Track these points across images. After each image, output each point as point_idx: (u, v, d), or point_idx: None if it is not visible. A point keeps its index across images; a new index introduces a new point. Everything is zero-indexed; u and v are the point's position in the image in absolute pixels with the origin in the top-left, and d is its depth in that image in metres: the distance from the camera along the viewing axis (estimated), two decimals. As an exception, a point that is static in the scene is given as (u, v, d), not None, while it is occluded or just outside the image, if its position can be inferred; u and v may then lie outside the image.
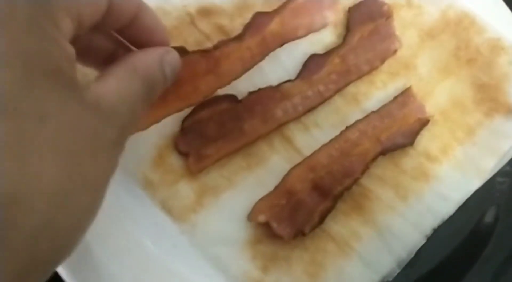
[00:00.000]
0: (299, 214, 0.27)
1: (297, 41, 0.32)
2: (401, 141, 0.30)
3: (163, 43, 0.24)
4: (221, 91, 0.29)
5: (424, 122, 0.31)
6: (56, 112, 0.15)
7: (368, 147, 0.30)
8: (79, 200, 0.16)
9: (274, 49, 0.32)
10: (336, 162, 0.29)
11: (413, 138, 0.30)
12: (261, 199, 0.28)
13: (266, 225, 0.27)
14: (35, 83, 0.15)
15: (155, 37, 0.24)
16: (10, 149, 0.14)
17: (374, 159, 0.29)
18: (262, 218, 0.27)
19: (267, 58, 0.31)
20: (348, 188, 0.28)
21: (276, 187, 0.28)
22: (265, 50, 0.31)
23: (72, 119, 0.16)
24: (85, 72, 0.23)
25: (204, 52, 0.30)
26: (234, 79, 0.30)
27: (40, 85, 0.15)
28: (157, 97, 0.22)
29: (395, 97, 0.31)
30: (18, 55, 0.15)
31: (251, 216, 0.27)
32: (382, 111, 0.31)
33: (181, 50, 0.30)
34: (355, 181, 0.29)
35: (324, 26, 0.33)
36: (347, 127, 0.30)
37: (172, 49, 0.24)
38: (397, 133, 0.30)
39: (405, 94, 0.31)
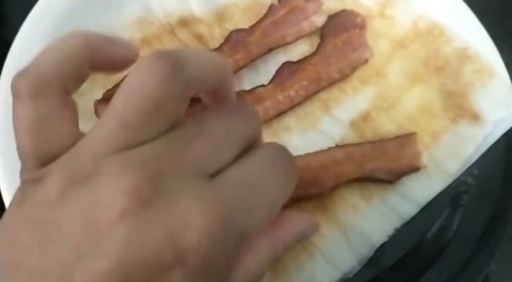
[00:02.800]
0: None
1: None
2: (382, 176, 0.30)
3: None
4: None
5: (414, 169, 0.30)
6: None
7: (348, 169, 0.30)
8: None
9: (260, 55, 0.33)
10: (310, 171, 0.30)
11: (396, 178, 0.30)
12: None
13: None
14: None
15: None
16: None
17: (348, 182, 0.30)
18: None
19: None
20: (310, 197, 0.29)
21: None
22: (249, 57, 0.33)
23: None
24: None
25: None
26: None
27: None
28: None
29: (396, 137, 0.31)
30: None
31: None
32: (377, 144, 0.31)
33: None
34: (320, 193, 0.29)
35: (315, 29, 0.35)
36: (336, 146, 0.31)
37: (317, 220, 0.23)
38: (382, 168, 0.30)
39: (407, 138, 0.31)
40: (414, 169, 0.30)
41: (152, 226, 0.16)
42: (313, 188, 0.29)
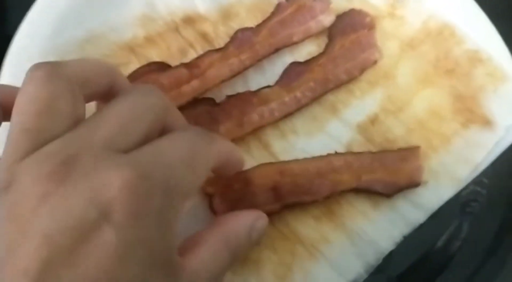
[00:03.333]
0: (243, 203, 0.28)
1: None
2: (379, 189, 0.29)
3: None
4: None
5: (414, 184, 0.29)
6: None
7: (345, 178, 0.29)
8: None
9: (266, 55, 0.33)
10: (306, 177, 0.29)
11: (394, 192, 0.29)
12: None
13: (209, 200, 0.28)
14: (150, 274, 0.17)
15: None
16: None
17: (343, 192, 0.29)
18: (210, 189, 0.28)
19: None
20: (302, 204, 0.28)
21: (238, 172, 0.28)
22: (255, 57, 0.32)
23: None
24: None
25: (187, 64, 0.31)
26: (222, 81, 0.31)
27: (153, 276, 0.17)
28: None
29: (399, 149, 0.30)
30: (146, 250, 0.17)
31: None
32: (377, 155, 0.30)
33: (164, 65, 0.31)
34: (314, 201, 0.28)
35: (322, 29, 0.34)
36: (336, 153, 0.30)
37: (263, 214, 0.25)
38: (380, 181, 0.29)
39: (410, 151, 0.30)
40: (413, 184, 0.29)
41: (72, 196, 0.16)
42: (307, 195, 0.28)
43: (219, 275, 0.22)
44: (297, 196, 0.28)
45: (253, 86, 0.32)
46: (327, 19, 0.34)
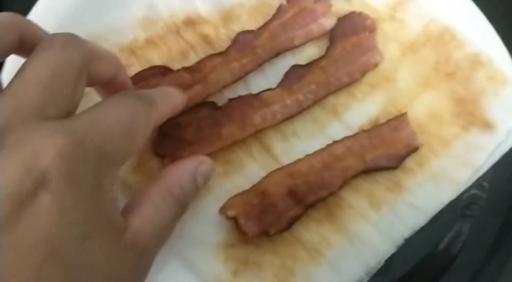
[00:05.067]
0: (268, 215, 0.28)
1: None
2: (385, 164, 0.30)
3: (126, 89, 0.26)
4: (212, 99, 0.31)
5: (412, 149, 0.30)
6: (104, 262, 0.18)
7: (351, 164, 0.30)
8: None
9: (267, 59, 0.33)
10: (316, 173, 0.29)
11: (398, 163, 0.30)
12: (235, 196, 0.28)
13: (235, 223, 0.28)
14: (90, 236, 0.18)
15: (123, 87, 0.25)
16: None
17: (354, 176, 0.30)
18: (231, 213, 0.28)
19: (251, 69, 0.32)
20: (322, 199, 0.29)
21: (252, 187, 0.29)
22: (257, 60, 0.32)
23: (115, 266, 0.19)
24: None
25: (189, 69, 0.31)
26: (224, 87, 0.31)
27: (93, 237, 0.18)
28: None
29: (389, 121, 0.31)
30: (84, 213, 0.18)
31: (222, 210, 0.28)
32: (372, 132, 0.31)
33: (165, 69, 0.31)
34: (331, 194, 0.29)
35: (323, 32, 0.34)
36: (334, 142, 0.30)
37: (207, 158, 0.26)
38: (383, 155, 0.30)
39: (399, 119, 0.31)
40: (412, 149, 0.30)
41: (6, 166, 0.16)
42: (323, 190, 0.29)
43: (168, 226, 0.23)
44: (314, 193, 0.29)
45: (255, 89, 0.32)
46: (328, 22, 0.34)
